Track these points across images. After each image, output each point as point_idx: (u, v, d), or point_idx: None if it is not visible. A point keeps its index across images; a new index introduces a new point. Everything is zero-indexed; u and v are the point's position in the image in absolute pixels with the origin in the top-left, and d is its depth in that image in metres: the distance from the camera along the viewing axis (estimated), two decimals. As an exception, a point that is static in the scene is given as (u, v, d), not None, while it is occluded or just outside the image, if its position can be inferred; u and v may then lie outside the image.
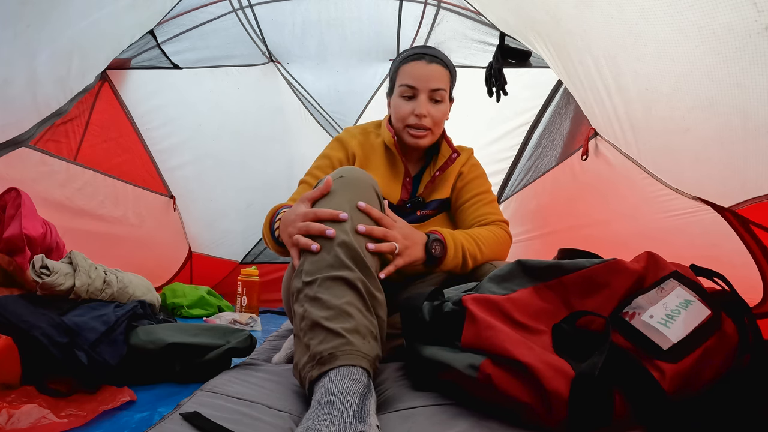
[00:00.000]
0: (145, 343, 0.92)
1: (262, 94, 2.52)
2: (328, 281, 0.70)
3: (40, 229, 1.17)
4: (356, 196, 0.79)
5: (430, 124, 1.09)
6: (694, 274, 0.66)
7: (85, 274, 1.06)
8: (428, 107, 1.08)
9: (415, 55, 1.10)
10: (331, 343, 0.64)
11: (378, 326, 0.72)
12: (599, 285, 0.61)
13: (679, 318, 0.57)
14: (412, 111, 1.08)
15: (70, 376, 0.80)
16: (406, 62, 1.11)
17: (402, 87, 1.09)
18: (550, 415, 0.52)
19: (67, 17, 1.22)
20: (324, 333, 0.66)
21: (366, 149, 1.17)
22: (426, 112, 1.08)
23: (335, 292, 0.69)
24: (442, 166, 1.14)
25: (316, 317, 0.67)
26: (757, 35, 0.66)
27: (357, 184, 0.81)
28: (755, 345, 0.58)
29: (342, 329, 0.65)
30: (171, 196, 2.38)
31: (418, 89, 1.08)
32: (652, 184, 1.16)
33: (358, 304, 0.69)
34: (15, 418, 0.63)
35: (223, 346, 0.94)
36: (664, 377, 0.52)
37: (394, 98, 1.13)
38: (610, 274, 0.62)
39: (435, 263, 0.92)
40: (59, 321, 0.85)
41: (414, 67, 1.09)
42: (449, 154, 1.15)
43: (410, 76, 1.08)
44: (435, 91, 1.08)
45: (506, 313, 0.61)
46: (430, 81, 1.07)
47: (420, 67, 1.08)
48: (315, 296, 0.69)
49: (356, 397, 0.57)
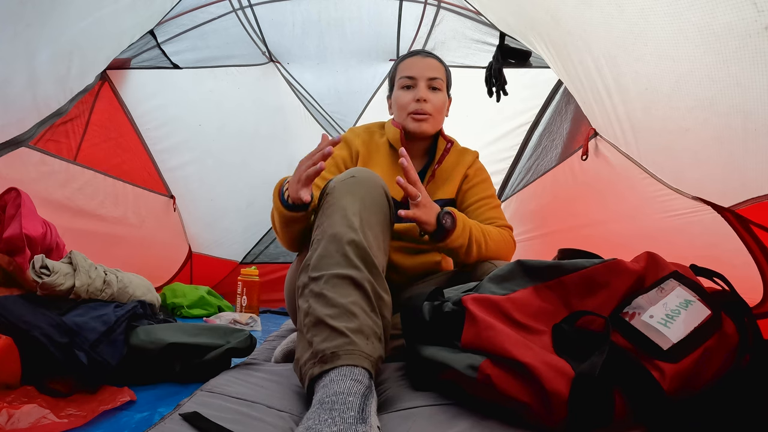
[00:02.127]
0: (145, 343, 0.92)
1: (262, 94, 2.51)
2: (335, 279, 0.70)
3: (40, 229, 1.17)
4: (367, 195, 0.81)
5: (431, 109, 1.14)
6: (694, 274, 0.66)
7: (85, 274, 1.06)
8: (427, 93, 1.14)
9: (410, 53, 1.20)
10: (334, 342, 0.64)
11: (383, 327, 0.71)
12: (599, 285, 0.61)
13: (679, 318, 0.57)
14: (413, 98, 1.14)
15: (70, 376, 0.79)
16: (402, 60, 1.19)
17: (401, 79, 1.16)
18: (550, 415, 0.52)
19: (67, 17, 1.22)
20: (328, 331, 0.66)
21: (370, 147, 1.19)
22: (426, 97, 1.13)
23: (341, 291, 0.69)
24: (440, 159, 1.18)
25: (320, 314, 0.67)
26: (757, 35, 0.66)
27: (367, 183, 0.83)
28: (755, 345, 0.58)
29: (346, 328, 0.65)
30: (171, 196, 2.38)
31: (416, 78, 1.14)
32: (652, 184, 1.16)
33: (364, 304, 0.69)
34: (15, 418, 0.63)
35: (223, 346, 0.94)
36: (664, 377, 0.52)
37: (395, 92, 1.18)
38: (610, 274, 0.62)
39: (443, 235, 0.94)
40: (59, 321, 0.85)
41: (411, 61, 1.17)
42: (444, 146, 1.19)
43: (408, 68, 1.16)
44: (433, 79, 1.15)
45: (506, 313, 0.61)
46: (427, 70, 1.15)
47: (417, 60, 1.17)
48: (320, 293, 0.69)
49: (357, 397, 0.57)
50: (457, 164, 1.20)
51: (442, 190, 1.18)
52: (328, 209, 0.79)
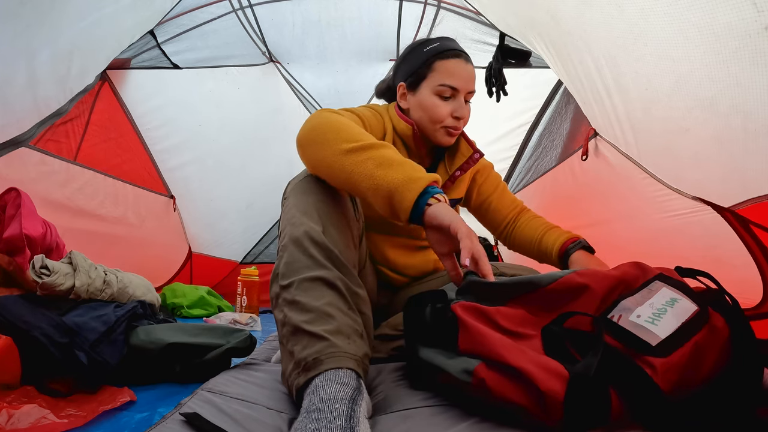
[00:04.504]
0: (145, 343, 0.92)
1: (262, 94, 2.51)
2: (306, 282, 0.68)
3: (40, 229, 1.17)
4: (324, 192, 0.78)
5: (464, 125, 1.06)
6: (679, 275, 0.66)
7: (85, 274, 1.06)
8: (465, 110, 1.04)
9: (452, 51, 1.03)
10: (315, 348, 0.62)
11: (363, 323, 0.70)
12: (578, 288, 0.61)
13: (665, 315, 0.57)
14: (451, 112, 1.02)
15: (70, 376, 0.79)
16: (443, 58, 1.02)
17: (443, 87, 1.01)
18: (547, 416, 0.52)
19: (67, 17, 1.22)
20: (306, 338, 0.64)
21: (390, 136, 1.08)
22: (465, 116, 1.04)
23: (314, 294, 0.67)
24: (463, 166, 1.10)
25: (296, 322, 0.65)
26: (757, 35, 0.66)
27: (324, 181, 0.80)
28: (744, 341, 0.58)
29: (324, 332, 0.63)
30: (171, 196, 2.38)
31: (459, 90, 1.01)
32: (652, 184, 1.16)
33: (339, 303, 0.68)
34: (15, 418, 0.63)
35: (223, 346, 0.94)
36: (656, 372, 0.52)
37: (428, 96, 1.02)
38: (586, 276, 0.62)
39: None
40: (59, 321, 0.85)
41: (456, 66, 1.01)
42: (470, 154, 1.10)
43: (452, 75, 1.01)
44: (471, 93, 1.04)
45: (494, 321, 0.61)
46: (470, 83, 1.03)
47: (461, 67, 1.02)
48: (293, 300, 0.67)
49: (344, 403, 0.55)
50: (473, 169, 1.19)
51: (456, 191, 1.16)
52: (287, 213, 0.76)
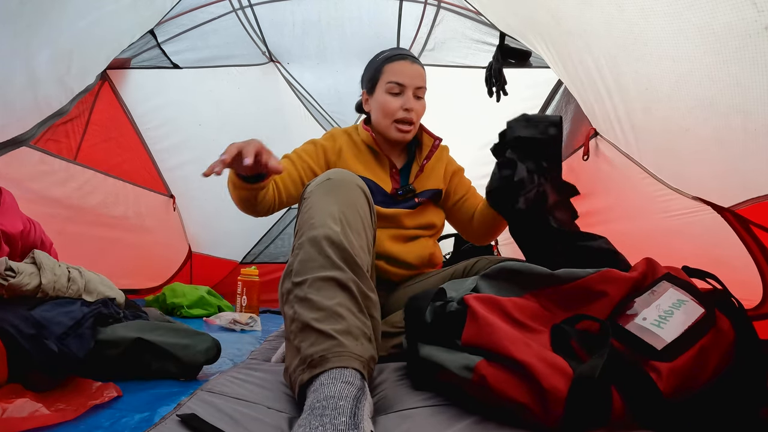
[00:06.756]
0: (111, 338, 0.92)
1: (262, 93, 2.51)
2: (319, 282, 0.69)
3: (19, 226, 1.15)
4: (344, 196, 0.80)
5: (415, 118, 1.18)
6: (686, 275, 0.66)
7: (50, 271, 1.06)
8: (414, 103, 1.17)
9: (398, 55, 1.19)
10: (322, 345, 0.63)
11: (372, 327, 0.70)
12: (596, 294, 0.61)
13: (672, 318, 0.57)
14: (401, 106, 1.16)
15: (39, 370, 0.78)
16: (391, 61, 1.18)
17: (390, 84, 1.16)
18: (547, 413, 0.52)
19: (67, 17, 1.22)
20: (315, 335, 0.64)
21: (351, 146, 1.23)
22: (413, 107, 1.16)
23: (326, 293, 0.68)
24: (428, 155, 1.23)
25: (306, 319, 0.66)
26: (757, 35, 0.66)
27: (344, 184, 0.82)
28: (749, 343, 0.58)
29: (333, 331, 0.64)
30: (171, 195, 2.38)
31: (405, 86, 1.16)
32: (653, 183, 1.16)
33: (350, 305, 0.68)
34: (9, 411, 0.63)
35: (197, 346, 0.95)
36: (661, 376, 0.52)
37: (381, 95, 1.19)
38: (606, 282, 0.62)
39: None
40: (27, 315, 0.84)
41: (401, 67, 1.17)
42: (432, 143, 1.24)
43: (397, 73, 1.16)
44: (419, 88, 1.18)
45: (507, 312, 0.61)
46: (417, 79, 1.17)
47: (407, 66, 1.17)
48: (305, 297, 0.68)
49: (349, 401, 0.55)
50: (440, 157, 1.27)
51: (431, 181, 1.24)
52: (307, 213, 0.78)
